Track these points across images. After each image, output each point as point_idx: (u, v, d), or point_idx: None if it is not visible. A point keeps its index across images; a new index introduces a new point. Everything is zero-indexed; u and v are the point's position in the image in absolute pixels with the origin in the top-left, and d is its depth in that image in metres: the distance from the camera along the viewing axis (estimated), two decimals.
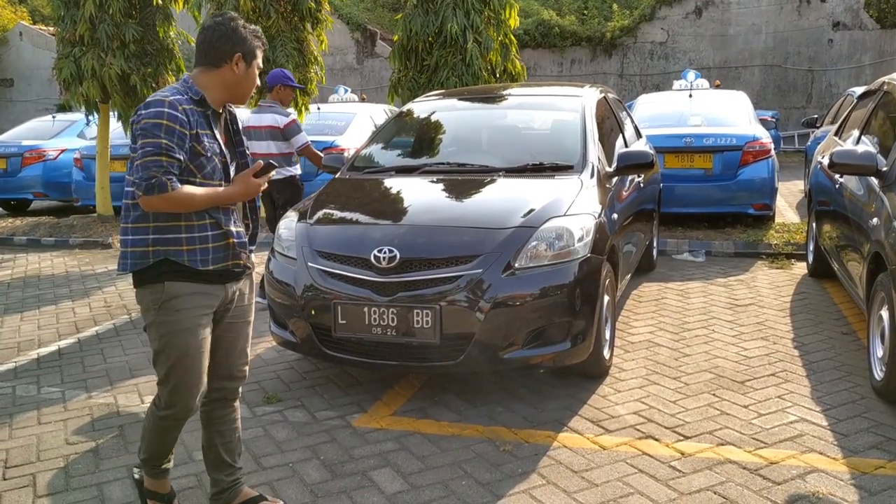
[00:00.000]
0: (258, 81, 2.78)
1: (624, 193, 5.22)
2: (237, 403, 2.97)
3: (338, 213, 4.53)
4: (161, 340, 2.65)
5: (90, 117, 10.78)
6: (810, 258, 6.64)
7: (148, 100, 2.59)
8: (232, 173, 2.74)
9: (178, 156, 2.52)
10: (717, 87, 13.36)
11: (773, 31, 19.44)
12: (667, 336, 5.08)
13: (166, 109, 2.51)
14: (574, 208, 4.21)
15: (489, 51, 7.71)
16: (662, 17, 20.18)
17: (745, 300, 5.91)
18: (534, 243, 3.94)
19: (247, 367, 2.95)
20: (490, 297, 3.77)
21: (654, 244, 7.01)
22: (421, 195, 4.61)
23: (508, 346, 3.83)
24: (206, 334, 2.70)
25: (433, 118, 5.78)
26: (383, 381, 4.38)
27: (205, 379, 2.73)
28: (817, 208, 6.27)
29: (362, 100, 13.71)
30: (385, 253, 3.88)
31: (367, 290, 3.87)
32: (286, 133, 5.96)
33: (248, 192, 2.72)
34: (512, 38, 8.18)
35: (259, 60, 2.73)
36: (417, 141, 5.66)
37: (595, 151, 4.84)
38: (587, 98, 5.43)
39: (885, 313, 3.87)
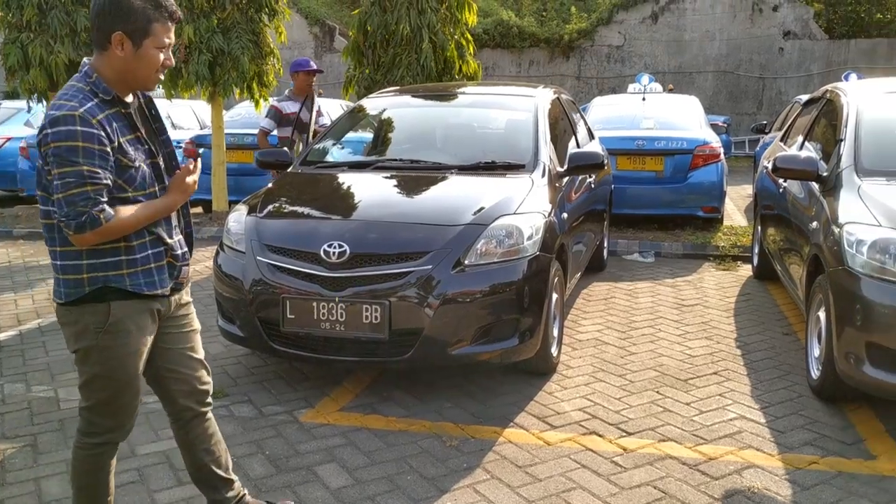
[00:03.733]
0: (170, 61, 2.37)
1: (575, 193, 5.29)
2: (210, 413, 2.71)
3: (288, 207, 4.50)
4: (104, 366, 2.36)
5: (32, 106, 10.54)
6: (755, 260, 6.80)
7: (53, 114, 2.17)
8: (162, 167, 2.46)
9: (104, 181, 2.19)
10: (670, 91, 13.60)
11: (726, 38, 19.84)
12: (614, 334, 5.15)
13: (79, 128, 2.15)
14: (524, 207, 4.25)
15: (445, 50, 7.73)
16: (619, 21, 20.45)
17: (692, 300, 6.03)
18: (483, 241, 3.97)
19: (210, 378, 2.68)
20: (439, 293, 3.79)
21: (605, 244, 7.10)
22: (373, 191, 4.61)
23: (457, 342, 3.85)
24: (147, 350, 2.47)
25: (387, 115, 5.78)
26: (332, 376, 4.37)
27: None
28: (762, 212, 6.43)
29: (319, 94, 13.61)
30: (335, 248, 3.87)
31: (317, 284, 3.85)
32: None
33: (187, 195, 2.46)
34: (469, 36, 8.20)
35: (160, 37, 2.29)
36: (371, 137, 5.65)
37: (547, 151, 4.89)
38: (540, 98, 5.48)
39: (822, 314, 3.99)
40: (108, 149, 2.22)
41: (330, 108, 10.67)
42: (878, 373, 3.48)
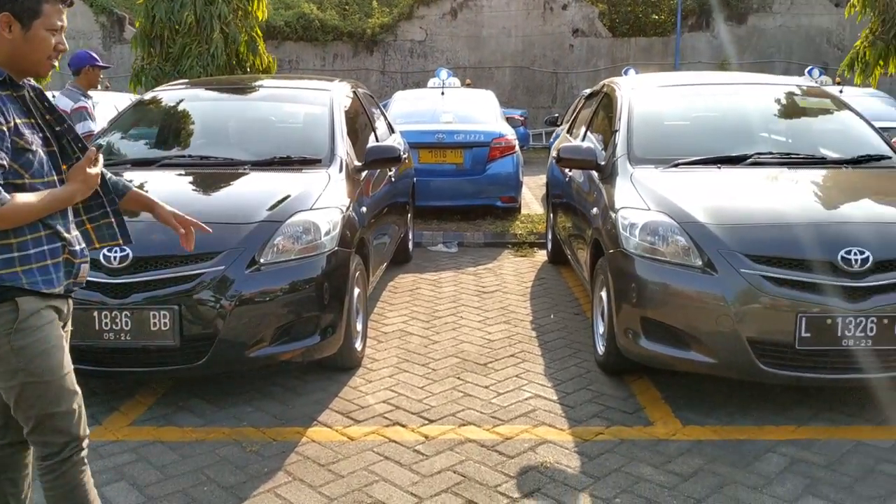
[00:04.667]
0: (64, 46, 2.23)
1: (375, 187, 5.30)
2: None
3: None
4: (28, 368, 2.15)
5: None
6: (549, 246, 7.19)
7: None
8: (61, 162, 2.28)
9: (1, 161, 2.03)
10: (468, 85, 14.06)
11: (521, 34, 20.82)
12: (419, 325, 5.24)
13: None
14: (321, 202, 4.20)
15: (237, 43, 7.48)
16: (421, 17, 20.85)
17: (492, 287, 6.26)
18: (280, 237, 3.88)
19: None
20: (234, 294, 3.66)
21: (410, 236, 7.20)
22: (159, 189, 4.32)
23: (255, 343, 3.75)
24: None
25: (177, 108, 5.50)
26: (122, 389, 4.09)
27: None
28: (553, 200, 6.80)
29: (106, 88, 12.77)
30: (116, 252, 3.62)
31: (97, 292, 3.58)
32: (73, 119, 5.65)
33: (90, 186, 2.27)
34: (259, 31, 8.00)
35: (52, 19, 2.16)
36: (158, 132, 5.35)
37: (343, 146, 4.86)
38: (336, 92, 5.43)
39: (604, 294, 4.28)
40: (4, 128, 2.06)
41: (118, 102, 10.03)
42: (653, 345, 3.78)
